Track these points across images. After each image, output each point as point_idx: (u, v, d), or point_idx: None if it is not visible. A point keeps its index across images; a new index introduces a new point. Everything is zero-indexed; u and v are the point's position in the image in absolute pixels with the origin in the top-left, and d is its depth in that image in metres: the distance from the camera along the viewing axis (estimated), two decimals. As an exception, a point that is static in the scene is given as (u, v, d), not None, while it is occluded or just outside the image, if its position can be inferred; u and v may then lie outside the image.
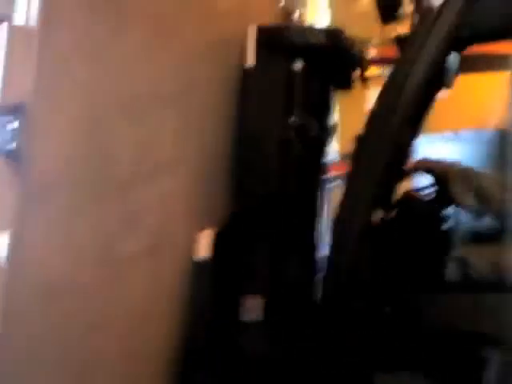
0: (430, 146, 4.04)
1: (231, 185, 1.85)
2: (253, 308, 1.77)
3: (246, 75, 1.79)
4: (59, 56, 1.09)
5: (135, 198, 1.43)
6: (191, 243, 1.75)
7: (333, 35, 1.79)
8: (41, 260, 1.14)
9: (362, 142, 1.63)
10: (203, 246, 1.78)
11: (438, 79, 1.63)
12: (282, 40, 1.77)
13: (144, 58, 1.36)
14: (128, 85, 1.32)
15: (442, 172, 1.76)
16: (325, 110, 2.03)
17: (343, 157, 3.97)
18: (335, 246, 1.60)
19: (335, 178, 2.55)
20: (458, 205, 1.74)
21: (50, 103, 1.08)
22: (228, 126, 1.83)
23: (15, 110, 1.04)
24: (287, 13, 2.38)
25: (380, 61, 2.68)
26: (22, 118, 1.04)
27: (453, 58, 1.66)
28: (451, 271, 1.56)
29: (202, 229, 1.78)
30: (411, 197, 1.75)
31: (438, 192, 1.78)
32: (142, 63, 1.36)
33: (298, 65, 1.76)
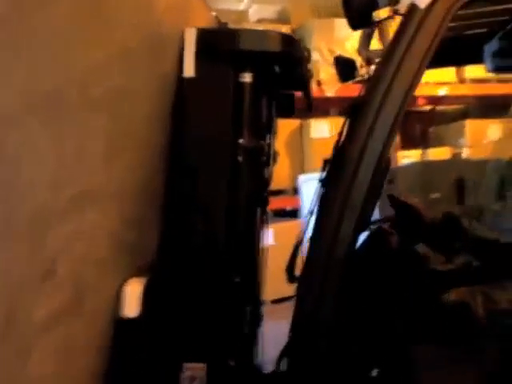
0: (313, 185, 4.11)
1: (168, 222, 1.49)
2: (195, 376, 1.41)
3: (186, 87, 1.44)
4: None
5: (51, 238, 1.01)
6: (115, 297, 1.35)
7: (288, 42, 1.49)
8: None
9: (337, 167, 1.35)
10: (130, 300, 1.39)
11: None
12: (228, 45, 1.45)
13: (75, 39, 0.97)
14: (52, 73, 0.92)
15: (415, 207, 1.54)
16: (271, 132, 1.74)
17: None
18: (308, 295, 1.28)
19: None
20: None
21: None
22: (166, 148, 1.46)
23: None
24: (220, 23, 2.11)
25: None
26: None
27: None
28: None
29: (129, 278, 1.39)
30: (385, 231, 1.50)
31: (409, 227, 1.55)
32: (72, 46, 0.97)
33: (247, 77, 1.45)
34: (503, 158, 3.76)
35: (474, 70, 5.02)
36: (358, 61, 2.08)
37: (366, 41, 1.98)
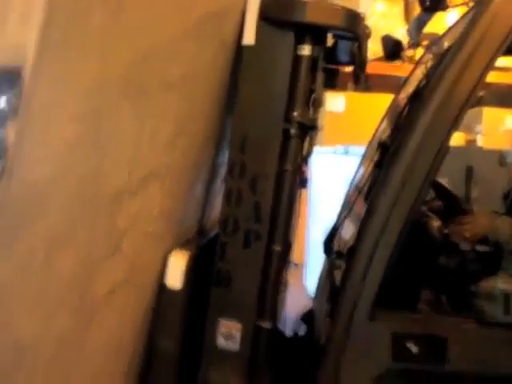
0: (322, 158, 4.11)
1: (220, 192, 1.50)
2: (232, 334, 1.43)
3: (244, 55, 1.41)
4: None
5: (122, 216, 1.05)
6: (162, 267, 1.39)
7: (353, 18, 1.45)
8: (6, 316, 0.73)
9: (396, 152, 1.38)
10: (175, 272, 1.42)
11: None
12: (293, 16, 1.39)
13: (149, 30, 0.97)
14: (136, 60, 0.94)
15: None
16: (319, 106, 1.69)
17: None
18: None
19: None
20: None
21: (57, 71, 0.66)
22: (222, 120, 1.47)
23: (5, 80, 0.62)
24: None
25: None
26: (14, 92, 0.62)
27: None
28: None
29: (174, 250, 1.43)
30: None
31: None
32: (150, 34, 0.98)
33: (306, 49, 1.42)
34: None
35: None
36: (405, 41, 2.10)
37: (420, 24, 1.98)
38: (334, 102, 5.04)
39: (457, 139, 5.28)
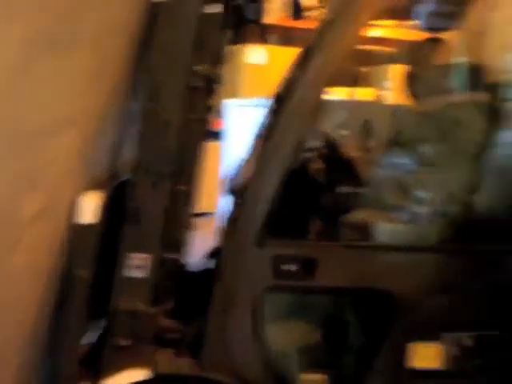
0: (236, 110, 4.27)
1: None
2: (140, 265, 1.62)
3: (155, 11, 1.54)
4: None
5: (40, 152, 1.21)
6: (78, 204, 1.55)
7: None
8: None
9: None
10: (89, 208, 1.59)
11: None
12: None
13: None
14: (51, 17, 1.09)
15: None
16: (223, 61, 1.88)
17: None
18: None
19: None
20: None
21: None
22: (133, 73, 1.63)
23: None
24: None
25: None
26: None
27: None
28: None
29: (87, 190, 1.60)
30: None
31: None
32: None
33: (215, 8, 1.58)
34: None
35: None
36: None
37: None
38: (255, 55, 5.20)
39: (368, 94, 5.63)
